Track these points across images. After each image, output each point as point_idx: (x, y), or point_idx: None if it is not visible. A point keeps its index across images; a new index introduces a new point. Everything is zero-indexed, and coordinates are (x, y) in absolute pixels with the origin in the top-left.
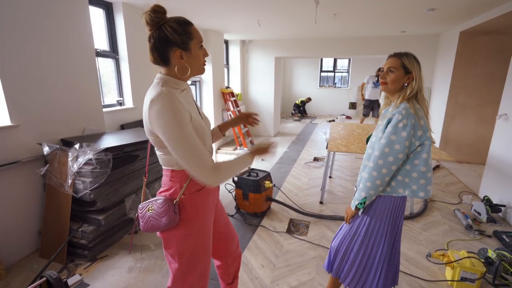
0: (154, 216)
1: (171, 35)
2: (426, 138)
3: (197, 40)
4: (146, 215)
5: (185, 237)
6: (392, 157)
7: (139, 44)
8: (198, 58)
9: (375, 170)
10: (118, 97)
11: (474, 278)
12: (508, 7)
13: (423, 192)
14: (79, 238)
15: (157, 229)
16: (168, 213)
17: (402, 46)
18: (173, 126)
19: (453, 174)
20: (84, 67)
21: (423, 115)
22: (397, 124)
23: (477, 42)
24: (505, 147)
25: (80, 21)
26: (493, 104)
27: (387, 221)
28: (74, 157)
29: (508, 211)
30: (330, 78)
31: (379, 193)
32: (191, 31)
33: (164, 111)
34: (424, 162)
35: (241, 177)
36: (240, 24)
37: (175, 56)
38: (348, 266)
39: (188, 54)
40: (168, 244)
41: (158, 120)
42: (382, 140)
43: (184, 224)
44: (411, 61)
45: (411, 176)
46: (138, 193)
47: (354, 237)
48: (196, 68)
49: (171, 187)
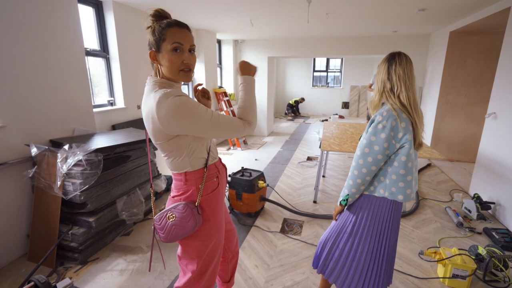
0: (178, 223)
1: (150, 35)
2: (406, 141)
3: (169, 41)
4: (168, 224)
5: (205, 238)
6: (371, 158)
7: (130, 43)
8: (170, 61)
9: (356, 169)
10: (109, 97)
11: (465, 274)
12: (496, 8)
13: (402, 195)
14: (69, 240)
15: (183, 235)
16: (193, 216)
17: (393, 46)
18: (193, 113)
19: (444, 172)
20: (73, 67)
21: (406, 116)
22: (377, 125)
23: (466, 42)
24: (494, 145)
25: (68, 19)
26: (482, 103)
27: (372, 220)
28: (63, 158)
29: (498, 208)
30: (323, 78)
31: (364, 192)
32: (166, 33)
33: (177, 106)
34: (403, 165)
35: (235, 177)
36: (232, 23)
37: (151, 56)
38: (333, 262)
39: (160, 55)
40: (188, 248)
41: (175, 116)
42: (364, 140)
43: (204, 225)
44: (382, 61)
45: (391, 178)
46: (130, 194)
47: (340, 235)
48: (170, 72)
49: (187, 190)
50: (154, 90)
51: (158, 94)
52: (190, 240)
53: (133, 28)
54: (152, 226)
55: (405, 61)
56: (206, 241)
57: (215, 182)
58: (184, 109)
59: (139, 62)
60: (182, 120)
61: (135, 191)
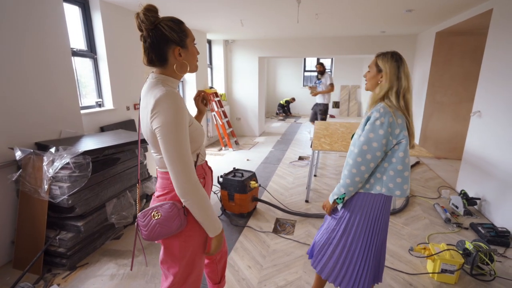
0: (163, 222)
1: (169, 33)
2: (403, 137)
3: (191, 38)
4: (152, 222)
5: (187, 239)
6: (370, 155)
7: (118, 43)
8: (194, 55)
9: (354, 167)
10: (97, 98)
11: (453, 269)
12: (479, 10)
13: (399, 191)
14: (57, 246)
15: (165, 235)
16: (179, 216)
17: (382, 46)
18: (177, 128)
19: (432, 169)
20: (59, 67)
21: (401, 114)
22: (375, 122)
23: (452, 42)
24: (479, 143)
25: (53, 18)
26: (468, 102)
27: (366, 218)
28: (49, 161)
29: (483, 204)
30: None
31: (359, 190)
32: (186, 29)
33: (172, 111)
34: (401, 161)
35: (227, 177)
36: (223, 23)
37: (174, 54)
38: (326, 259)
39: (186, 51)
40: (170, 250)
41: (164, 117)
42: (361, 138)
43: (187, 226)
44: (385, 60)
45: (388, 174)
46: (120, 197)
47: (334, 232)
48: (192, 65)
49: (173, 189)
50: (157, 85)
51: (161, 91)
52: (173, 239)
53: (121, 27)
54: (136, 223)
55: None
56: (188, 242)
57: (200, 183)
58: (174, 113)
59: (128, 62)
60: (163, 119)
61: (125, 193)
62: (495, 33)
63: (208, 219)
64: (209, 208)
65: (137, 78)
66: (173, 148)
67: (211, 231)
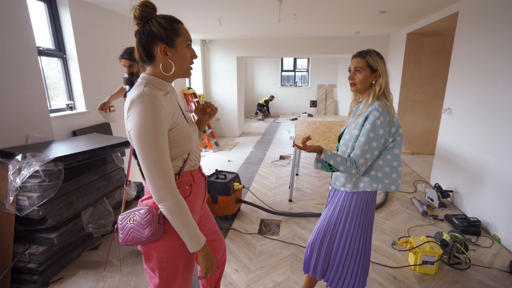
0: (136, 228)
1: (156, 29)
2: (398, 134)
3: (184, 38)
4: (127, 226)
5: (167, 249)
6: (369, 155)
7: (90, 42)
8: (184, 57)
9: (354, 168)
10: (68, 100)
11: (433, 260)
12: (446, 12)
13: (394, 186)
14: (26, 262)
15: (138, 242)
16: (151, 224)
17: (357, 46)
18: (149, 132)
19: (407, 165)
20: (24, 67)
21: (394, 112)
22: (375, 122)
23: (421, 43)
24: (450, 138)
25: (16, 14)
26: (437, 99)
27: (361, 217)
28: (15, 170)
29: (455, 196)
30: (291, 77)
31: (353, 190)
32: (178, 28)
33: (143, 114)
34: (396, 157)
35: (210, 180)
36: (200, 22)
37: (159, 52)
38: (322, 263)
39: (173, 50)
40: (149, 257)
41: (135, 120)
42: (362, 138)
43: (166, 235)
44: (375, 59)
45: (383, 170)
46: (97, 205)
47: (327, 234)
48: (181, 67)
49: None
50: (139, 86)
51: (137, 92)
52: (150, 248)
53: (92, 25)
54: (115, 225)
55: None
56: (168, 253)
57: (186, 190)
58: (146, 116)
59: (101, 62)
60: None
61: (102, 201)
62: (461, 34)
63: (186, 231)
64: (187, 218)
65: (111, 79)
66: (148, 152)
67: (190, 245)
